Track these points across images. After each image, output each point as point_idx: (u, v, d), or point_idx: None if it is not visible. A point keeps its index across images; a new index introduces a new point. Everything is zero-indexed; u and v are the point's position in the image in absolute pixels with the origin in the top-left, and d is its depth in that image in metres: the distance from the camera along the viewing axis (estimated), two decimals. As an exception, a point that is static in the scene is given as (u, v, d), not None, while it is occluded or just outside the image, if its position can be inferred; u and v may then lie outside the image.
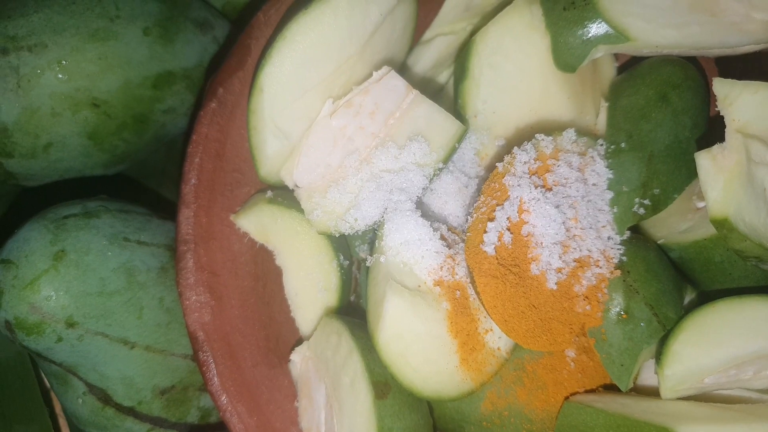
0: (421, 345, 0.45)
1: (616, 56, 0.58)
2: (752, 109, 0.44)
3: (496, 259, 0.44)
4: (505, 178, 0.46)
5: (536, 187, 0.46)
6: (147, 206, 0.60)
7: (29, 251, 0.49)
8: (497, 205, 0.45)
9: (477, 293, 0.45)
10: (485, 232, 0.44)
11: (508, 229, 0.44)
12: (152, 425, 0.54)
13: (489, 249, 0.44)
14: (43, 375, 0.62)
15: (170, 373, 0.54)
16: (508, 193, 0.45)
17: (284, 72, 0.48)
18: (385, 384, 0.45)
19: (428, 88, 0.59)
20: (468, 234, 0.46)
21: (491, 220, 0.45)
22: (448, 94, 0.59)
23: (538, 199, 0.45)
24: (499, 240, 0.44)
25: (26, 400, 0.58)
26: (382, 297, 0.45)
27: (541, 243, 0.45)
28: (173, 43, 0.58)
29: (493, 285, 0.44)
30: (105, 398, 0.52)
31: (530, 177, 0.46)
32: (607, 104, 0.54)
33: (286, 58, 0.47)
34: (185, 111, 0.61)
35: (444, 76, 0.60)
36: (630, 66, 0.56)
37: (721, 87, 0.46)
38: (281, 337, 0.54)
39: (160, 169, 0.68)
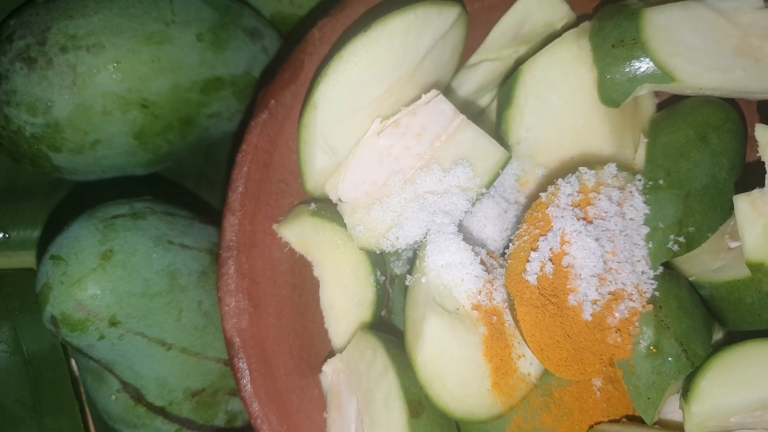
0: (457, 367, 0.46)
1: (657, 93, 0.59)
2: (796, 159, 0.45)
3: (538, 288, 0.45)
4: (548, 208, 0.47)
5: (578, 220, 0.47)
6: (185, 207, 0.61)
7: (79, 249, 0.50)
8: (540, 234, 0.46)
9: (515, 321, 0.46)
10: (528, 261, 0.45)
11: (550, 260, 0.45)
12: (180, 426, 0.55)
13: (532, 278, 0.45)
14: (74, 369, 0.63)
15: (202, 376, 0.55)
16: (552, 224, 0.46)
17: (338, 90, 0.49)
18: (419, 403, 0.46)
19: (470, 110, 0.60)
20: (509, 261, 0.47)
21: (534, 249, 0.46)
22: (489, 117, 0.60)
23: (580, 232, 0.46)
24: (542, 270, 0.45)
25: (58, 393, 0.59)
26: (422, 318, 0.46)
27: (580, 275, 0.46)
28: (224, 50, 0.59)
29: (534, 314, 0.45)
30: (138, 397, 0.52)
31: (573, 209, 0.47)
32: (646, 140, 0.55)
33: (342, 77, 0.48)
34: (229, 116, 0.62)
35: (486, 100, 0.61)
36: (670, 104, 0.57)
37: (764, 133, 0.47)
38: (314, 347, 0.55)
39: (198, 171, 0.69)
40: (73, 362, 0.63)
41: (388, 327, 0.57)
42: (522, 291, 0.45)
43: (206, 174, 0.69)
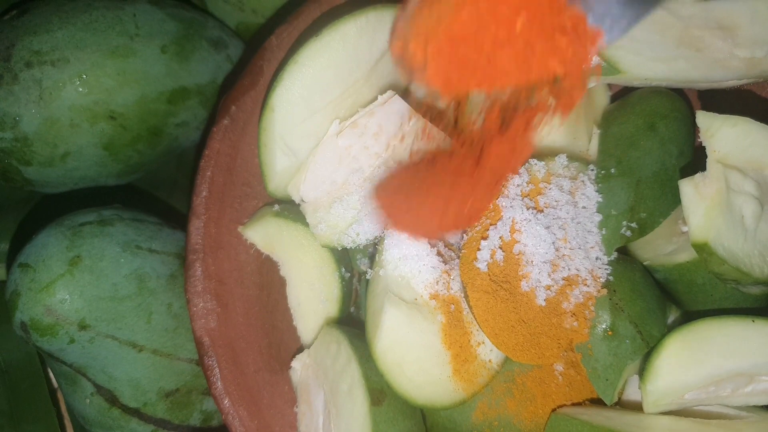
0: (416, 355, 0.48)
1: (610, 86, 0.61)
2: (731, 142, 0.47)
3: (489, 275, 0.47)
4: (498, 199, 0.49)
5: (528, 209, 0.48)
6: (158, 215, 0.62)
7: (46, 256, 0.51)
8: (491, 224, 0.48)
9: (470, 307, 0.48)
10: (479, 249, 0.47)
11: (501, 248, 0.47)
12: (156, 426, 0.56)
13: (482, 266, 0.47)
14: (50, 377, 0.64)
15: (175, 376, 0.56)
16: (501, 214, 0.48)
17: (294, 93, 0.50)
18: (381, 391, 0.48)
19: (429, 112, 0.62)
20: (463, 251, 0.49)
21: (485, 238, 0.47)
22: (447, 118, 0.62)
23: (530, 220, 0.48)
24: (492, 257, 0.47)
25: (35, 400, 0.60)
26: (381, 308, 0.48)
27: (532, 261, 0.47)
28: (188, 61, 0.61)
29: (485, 300, 0.46)
30: (112, 399, 0.54)
31: (522, 199, 0.49)
32: (599, 131, 0.57)
33: (297, 80, 0.50)
34: (197, 125, 0.64)
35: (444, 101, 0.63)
36: (622, 95, 0.59)
37: (704, 119, 0.49)
38: (283, 344, 0.56)
39: (170, 180, 0.70)
40: (50, 371, 0.64)
41: (357, 322, 0.59)
42: (473, 278, 0.47)
43: (179, 183, 0.70)
